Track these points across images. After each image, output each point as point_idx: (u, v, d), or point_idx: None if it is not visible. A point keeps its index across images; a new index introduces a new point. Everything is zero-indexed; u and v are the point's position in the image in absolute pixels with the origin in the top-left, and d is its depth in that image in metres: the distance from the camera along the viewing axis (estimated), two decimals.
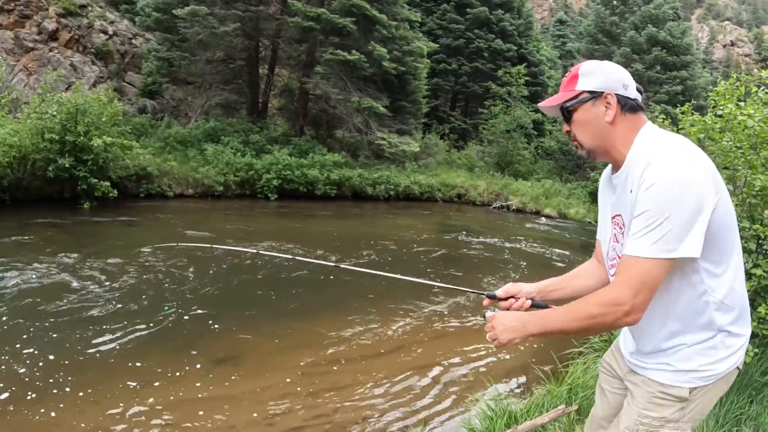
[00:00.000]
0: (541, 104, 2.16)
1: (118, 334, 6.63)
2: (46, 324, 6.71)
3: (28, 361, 5.73)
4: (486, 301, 2.43)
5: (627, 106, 2.00)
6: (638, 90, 2.04)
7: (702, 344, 1.98)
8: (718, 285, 1.92)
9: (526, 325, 1.98)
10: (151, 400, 5.22)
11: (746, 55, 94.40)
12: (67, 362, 5.81)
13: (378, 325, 7.85)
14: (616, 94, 1.98)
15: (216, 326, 7.22)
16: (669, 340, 2.02)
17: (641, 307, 1.81)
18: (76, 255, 9.59)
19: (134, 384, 5.48)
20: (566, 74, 2.11)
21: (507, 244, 15.30)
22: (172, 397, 5.29)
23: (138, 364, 5.93)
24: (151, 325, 7.03)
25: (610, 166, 2.16)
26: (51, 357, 5.89)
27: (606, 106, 1.99)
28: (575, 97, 2.03)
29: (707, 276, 1.91)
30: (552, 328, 1.94)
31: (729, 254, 1.93)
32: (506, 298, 2.36)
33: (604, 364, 2.47)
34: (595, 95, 2.00)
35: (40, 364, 5.72)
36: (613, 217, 2.11)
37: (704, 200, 1.77)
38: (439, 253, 13.19)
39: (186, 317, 7.42)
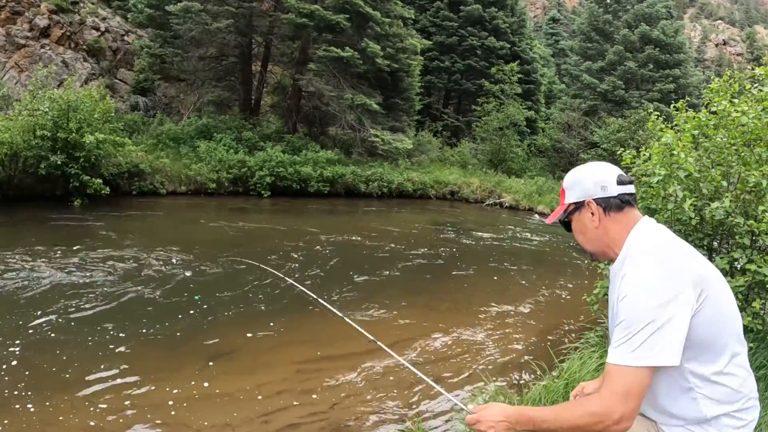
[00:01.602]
0: (547, 221, 2.35)
1: (110, 332, 6.59)
2: (35, 322, 6.66)
3: (19, 359, 5.69)
4: None
5: (610, 206, 2.06)
6: (620, 181, 2.06)
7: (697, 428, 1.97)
8: (707, 383, 1.91)
9: (516, 420, 1.97)
10: (145, 397, 5.18)
11: (738, 54, 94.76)
12: (58, 359, 5.77)
13: (373, 321, 7.84)
14: (595, 199, 2.06)
15: (210, 324, 7.19)
16: (664, 422, 2.05)
17: (631, 415, 1.80)
18: (67, 252, 9.54)
19: (128, 381, 5.45)
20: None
21: (502, 241, 15.32)
22: (166, 395, 5.25)
23: (131, 361, 5.89)
24: (144, 322, 6.99)
25: None
26: (43, 354, 5.85)
27: (591, 213, 2.08)
28: (565, 211, 2.17)
29: (692, 376, 1.90)
30: (542, 427, 1.94)
31: (718, 353, 1.91)
32: None
33: None
34: (579, 205, 2.12)
35: (32, 361, 5.68)
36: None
37: (679, 308, 1.78)
38: (434, 251, 13.18)
39: (179, 315, 7.38)
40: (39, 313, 6.91)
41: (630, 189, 2.07)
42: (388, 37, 23.06)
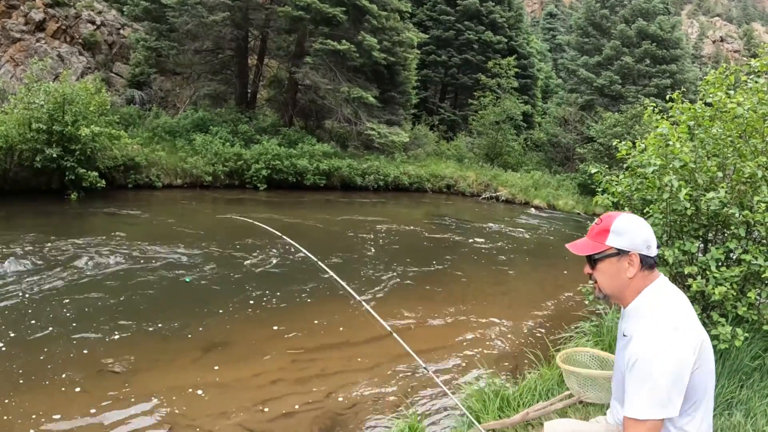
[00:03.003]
0: (569, 245, 2.43)
1: (106, 324, 6.58)
2: (30, 312, 6.66)
3: (15, 350, 5.69)
4: None
5: (646, 264, 2.25)
6: (657, 245, 2.36)
7: None
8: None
9: None
10: (141, 387, 5.18)
11: (735, 51, 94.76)
12: (54, 351, 5.76)
13: (363, 312, 7.84)
14: (640, 254, 2.24)
15: (205, 315, 7.19)
16: None
17: None
18: (62, 245, 9.52)
19: (123, 372, 5.45)
20: (597, 222, 2.35)
21: (499, 234, 15.33)
22: (162, 385, 5.26)
23: (126, 351, 5.89)
24: (139, 314, 6.99)
25: None
26: (38, 345, 5.85)
27: (629, 263, 2.24)
28: (603, 252, 2.28)
29: (671, 425, 2.19)
30: None
31: (698, 404, 2.19)
32: None
33: None
34: (622, 252, 2.25)
35: (29, 351, 5.67)
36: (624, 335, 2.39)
37: (682, 369, 2.05)
38: (430, 243, 13.19)
39: (174, 306, 7.39)
40: (34, 305, 6.91)
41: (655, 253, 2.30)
42: (384, 30, 23.02)
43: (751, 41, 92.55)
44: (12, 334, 6.01)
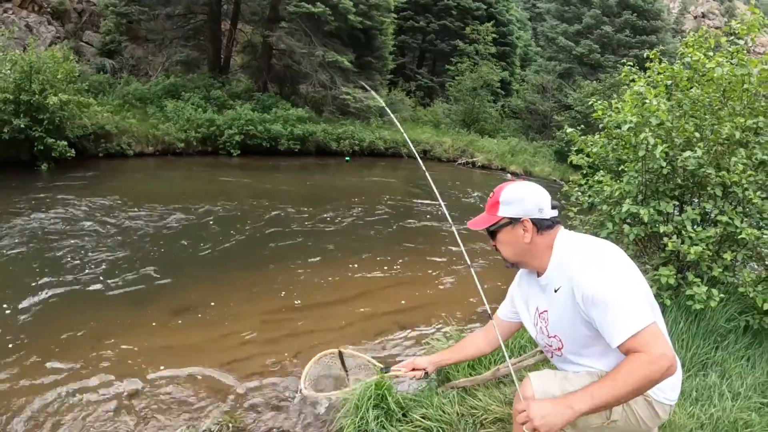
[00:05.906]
0: (469, 223, 2.53)
1: (74, 290, 6.47)
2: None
3: None
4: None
5: (542, 226, 2.37)
6: (554, 206, 2.40)
7: None
8: None
9: (572, 405, 2.07)
10: (108, 351, 5.11)
11: (716, 28, 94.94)
12: (22, 318, 5.66)
13: (338, 273, 7.87)
14: (532, 219, 2.35)
15: (173, 279, 7.11)
16: None
17: (674, 355, 2.07)
18: (33, 214, 9.35)
19: (91, 336, 5.37)
20: (491, 196, 2.47)
21: (476, 198, 15.34)
22: (130, 348, 5.18)
23: (94, 316, 5.80)
24: (107, 278, 6.88)
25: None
26: (7, 311, 5.74)
27: (523, 230, 2.37)
28: (496, 223, 2.42)
29: None
30: (602, 400, 2.07)
31: (655, 312, 2.26)
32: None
33: None
34: (514, 221, 2.38)
35: None
36: (540, 313, 2.49)
37: (635, 272, 2.24)
38: (409, 207, 13.12)
39: (141, 271, 7.25)
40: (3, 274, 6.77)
41: (557, 213, 2.42)
42: None
43: (733, 18, 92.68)
44: None
